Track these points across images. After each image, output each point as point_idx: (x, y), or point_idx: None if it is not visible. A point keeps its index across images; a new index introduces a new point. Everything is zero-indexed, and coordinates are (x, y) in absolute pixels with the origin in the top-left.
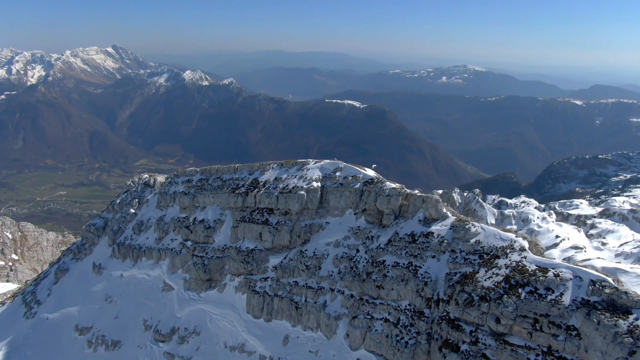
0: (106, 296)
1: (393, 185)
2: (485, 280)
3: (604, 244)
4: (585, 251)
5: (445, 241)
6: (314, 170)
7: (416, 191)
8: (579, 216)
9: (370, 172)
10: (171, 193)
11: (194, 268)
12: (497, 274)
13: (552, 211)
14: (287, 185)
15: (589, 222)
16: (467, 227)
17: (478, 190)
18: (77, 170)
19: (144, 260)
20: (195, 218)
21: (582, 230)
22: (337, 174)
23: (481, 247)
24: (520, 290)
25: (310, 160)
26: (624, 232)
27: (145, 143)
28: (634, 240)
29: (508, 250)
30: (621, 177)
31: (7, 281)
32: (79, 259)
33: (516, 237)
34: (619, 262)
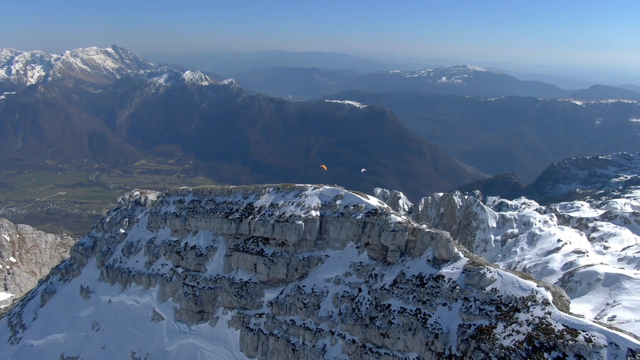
0: (93, 323)
1: (398, 218)
2: (504, 338)
3: (606, 247)
4: (587, 256)
5: (458, 287)
6: (312, 197)
7: (424, 226)
8: (580, 219)
9: (373, 201)
10: (162, 214)
11: (185, 298)
12: (518, 332)
13: (553, 214)
14: (283, 213)
15: (590, 225)
16: (481, 272)
17: (478, 191)
18: (76, 170)
19: (133, 285)
20: (186, 243)
21: (583, 233)
22: (338, 202)
23: (498, 296)
24: (546, 355)
25: (309, 185)
26: (626, 235)
27: (145, 143)
28: (636, 244)
29: (529, 303)
30: (621, 178)
31: (5, 284)
32: (67, 280)
33: (538, 286)
34: (622, 268)
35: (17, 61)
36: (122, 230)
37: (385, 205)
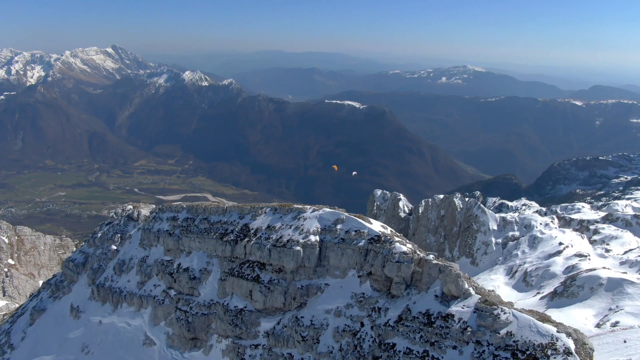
0: (83, 345)
1: (403, 247)
2: None
3: (607, 250)
4: (589, 259)
5: (469, 329)
6: (311, 221)
7: (431, 256)
8: (582, 221)
9: (376, 226)
10: (155, 231)
11: (177, 324)
12: None
13: (554, 215)
14: (280, 237)
15: (592, 227)
16: (495, 312)
17: (479, 193)
18: (76, 170)
19: (125, 306)
20: (179, 264)
21: (585, 236)
22: (338, 226)
23: (514, 341)
24: None
25: (307, 207)
26: (628, 238)
27: (145, 144)
28: (638, 247)
29: (549, 352)
30: (622, 178)
31: (3, 287)
32: (57, 297)
33: (558, 331)
34: (625, 272)
35: (16, 61)
36: (114, 247)
37: (389, 231)
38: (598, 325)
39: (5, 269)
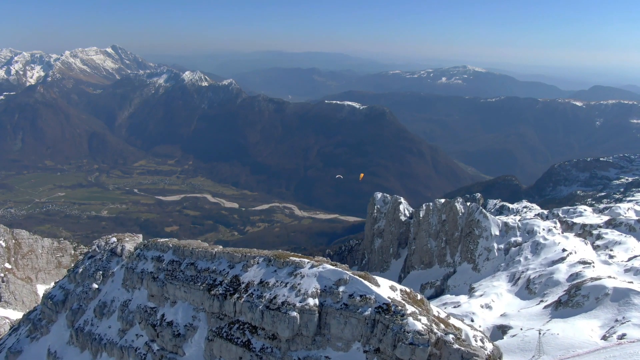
0: None
1: (418, 325)
2: None
3: (611, 256)
4: (593, 266)
5: None
6: (310, 280)
7: (450, 337)
8: (584, 225)
9: (384, 290)
10: (139, 272)
11: None
12: None
13: (556, 219)
14: (275, 297)
15: (594, 232)
16: None
17: (479, 194)
18: (76, 171)
19: (105, 356)
20: (163, 316)
21: (588, 242)
22: (341, 289)
23: None
24: None
25: (305, 260)
26: (632, 243)
27: (145, 144)
28: None
29: None
30: (622, 180)
31: None
32: (35, 338)
33: None
34: (631, 282)
35: (16, 61)
36: (95, 286)
37: (399, 297)
38: (604, 338)
39: (2, 274)
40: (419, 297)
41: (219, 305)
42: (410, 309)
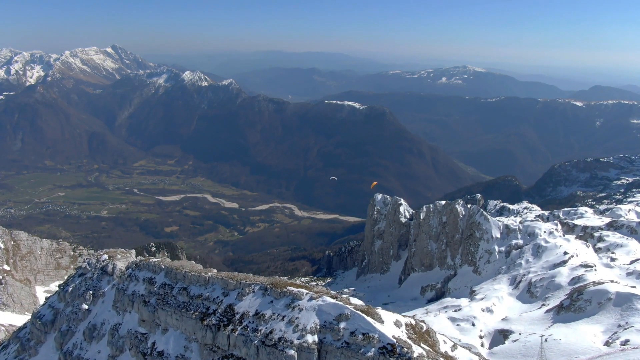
0: None
1: None
2: None
3: (613, 259)
4: (595, 270)
5: None
6: (308, 314)
7: None
8: (585, 227)
9: (388, 328)
10: (130, 294)
11: None
12: None
13: (557, 221)
14: (271, 332)
15: (596, 234)
16: None
17: (480, 195)
18: (75, 171)
19: None
20: (154, 344)
21: (590, 245)
22: (342, 325)
23: None
24: None
25: (304, 291)
26: (633, 246)
27: (145, 144)
28: None
29: None
30: (623, 180)
31: None
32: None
33: None
34: (634, 287)
35: (16, 61)
36: (85, 306)
37: (404, 335)
38: (607, 344)
39: (0, 276)
40: (424, 328)
41: (212, 337)
42: (417, 350)
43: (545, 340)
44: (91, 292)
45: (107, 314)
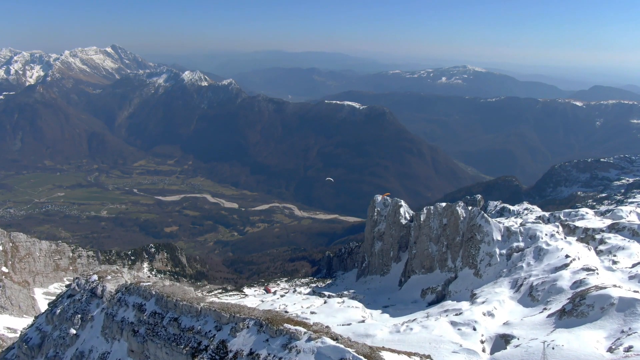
0: None
1: None
2: None
3: (614, 262)
4: (597, 273)
5: None
6: (306, 357)
7: None
8: (586, 229)
9: None
10: (119, 320)
11: None
12: None
13: (558, 223)
14: None
15: (597, 237)
16: None
17: (480, 196)
18: (75, 171)
19: None
20: None
21: (592, 248)
22: None
23: None
24: None
25: (302, 330)
26: (635, 249)
27: (144, 144)
28: None
29: None
30: (623, 181)
31: None
32: None
33: None
34: (637, 292)
35: (16, 61)
36: (73, 331)
37: None
38: (610, 350)
39: None
40: None
41: None
42: None
43: (548, 345)
44: (79, 315)
45: (95, 341)
